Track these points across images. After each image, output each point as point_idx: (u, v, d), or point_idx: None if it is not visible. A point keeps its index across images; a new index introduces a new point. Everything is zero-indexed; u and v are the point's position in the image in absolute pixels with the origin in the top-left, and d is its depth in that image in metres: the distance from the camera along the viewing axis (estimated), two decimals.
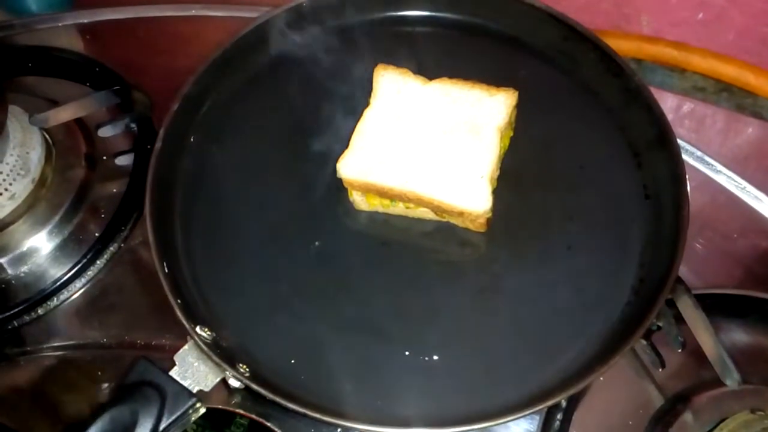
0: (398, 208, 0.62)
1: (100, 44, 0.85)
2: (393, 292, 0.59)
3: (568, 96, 0.67)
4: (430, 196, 0.59)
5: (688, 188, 0.58)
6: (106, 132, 0.71)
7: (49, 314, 0.66)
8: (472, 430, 0.50)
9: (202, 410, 0.56)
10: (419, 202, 0.60)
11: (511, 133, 0.64)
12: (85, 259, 0.67)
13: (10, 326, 0.65)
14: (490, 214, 0.59)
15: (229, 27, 0.71)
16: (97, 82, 0.78)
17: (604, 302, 0.57)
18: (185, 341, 0.56)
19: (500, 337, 0.57)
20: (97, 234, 0.69)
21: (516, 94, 0.62)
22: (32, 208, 0.69)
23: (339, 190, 0.62)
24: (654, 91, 0.63)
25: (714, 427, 0.56)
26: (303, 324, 0.57)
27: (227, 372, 0.53)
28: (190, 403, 0.54)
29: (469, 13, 0.71)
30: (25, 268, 0.68)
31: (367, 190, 0.61)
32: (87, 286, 0.67)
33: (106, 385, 0.62)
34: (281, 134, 0.67)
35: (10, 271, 0.68)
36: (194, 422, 0.56)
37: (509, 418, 0.51)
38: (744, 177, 0.71)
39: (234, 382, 0.55)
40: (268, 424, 0.58)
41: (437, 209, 0.60)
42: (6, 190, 0.67)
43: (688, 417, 0.58)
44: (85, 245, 0.68)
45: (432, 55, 0.68)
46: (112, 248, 0.69)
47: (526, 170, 0.63)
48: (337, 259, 0.60)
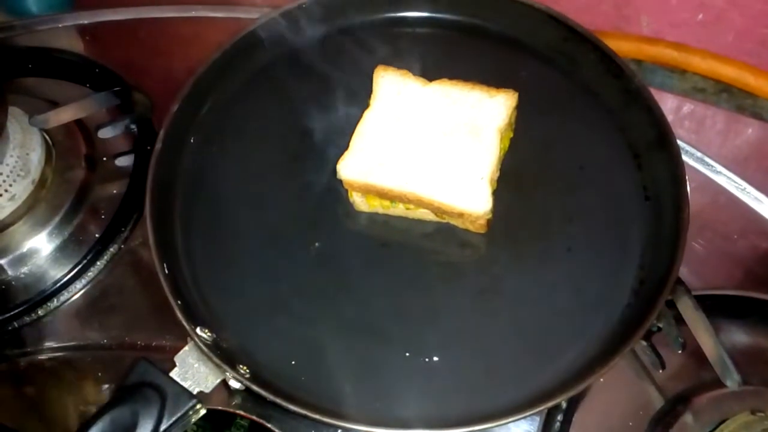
0: (398, 209, 0.62)
1: (100, 45, 0.85)
2: (393, 293, 0.59)
3: (568, 97, 0.67)
4: (430, 198, 0.59)
5: (688, 189, 0.58)
6: (106, 133, 0.71)
7: (49, 315, 0.66)
8: (472, 431, 0.50)
9: (203, 411, 0.56)
10: (419, 203, 0.60)
11: (511, 134, 0.64)
12: (85, 260, 0.67)
13: (10, 327, 0.65)
14: (490, 216, 0.59)
15: (230, 28, 0.71)
16: (97, 84, 0.78)
17: (604, 303, 0.57)
18: (185, 342, 0.56)
19: (500, 338, 0.57)
20: (97, 235, 0.69)
21: (516, 95, 0.62)
22: (32, 209, 0.69)
23: (339, 191, 0.62)
24: (654, 92, 0.63)
25: (714, 429, 0.56)
26: (303, 325, 0.57)
27: (227, 373, 0.53)
28: (191, 404, 0.54)
29: (469, 14, 0.71)
30: (25, 269, 0.68)
31: (367, 191, 0.61)
32: (87, 287, 0.67)
33: (106, 386, 0.62)
34: (281, 135, 0.67)
35: (10, 272, 0.68)
36: (194, 423, 0.56)
37: (509, 420, 0.51)
38: (744, 178, 0.71)
39: (234, 384, 0.55)
40: (269, 425, 0.58)
41: (437, 210, 0.60)
42: (6, 191, 0.67)
43: (688, 418, 0.58)
44: (86, 246, 0.68)
45: (432, 57, 0.68)
46: (112, 249, 0.68)
47: (526, 171, 0.63)
48: (337, 260, 0.60)
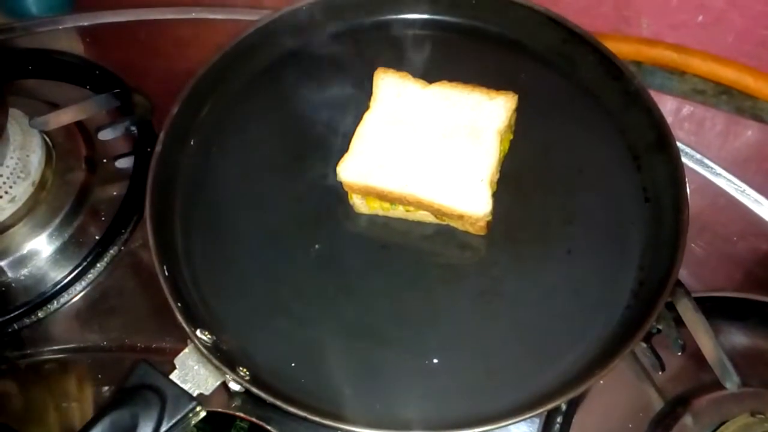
0: (398, 211, 0.62)
1: (100, 47, 0.85)
2: (393, 295, 0.59)
3: (567, 99, 0.67)
4: (430, 200, 0.59)
5: (688, 191, 0.58)
6: (106, 135, 0.71)
7: (49, 317, 0.66)
8: None
9: (203, 413, 0.56)
10: (419, 205, 0.60)
11: (511, 137, 0.64)
12: (85, 262, 0.67)
13: (10, 329, 0.65)
14: (490, 218, 0.59)
15: (230, 30, 0.71)
16: (97, 85, 0.78)
17: (604, 305, 0.57)
18: (185, 344, 0.56)
19: (500, 340, 0.57)
20: (97, 237, 0.69)
21: (515, 97, 0.62)
22: (32, 211, 0.69)
23: (339, 193, 0.62)
24: (653, 94, 0.62)
25: (714, 430, 0.56)
26: (303, 327, 0.57)
27: (227, 375, 0.53)
28: (191, 406, 0.54)
29: (469, 17, 0.71)
30: (25, 271, 0.68)
31: (367, 193, 0.61)
32: (87, 289, 0.67)
33: (106, 388, 0.62)
34: (281, 137, 0.67)
35: (10, 274, 0.68)
36: (194, 425, 0.56)
37: (509, 422, 0.51)
38: (744, 180, 0.71)
39: (234, 386, 0.55)
40: (269, 427, 0.58)
41: (437, 212, 0.60)
42: (6, 193, 0.67)
43: (688, 420, 0.58)
44: (86, 248, 0.68)
45: (432, 59, 0.68)
46: (112, 251, 0.69)
47: (525, 173, 0.63)
48: (337, 261, 0.60)
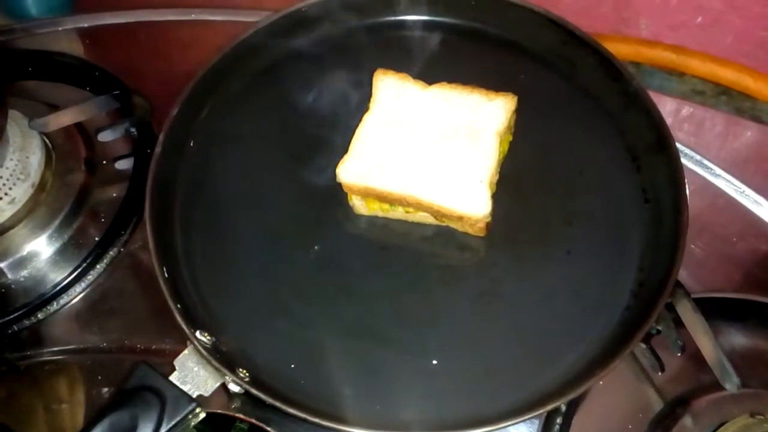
0: (398, 213, 0.62)
1: (100, 48, 0.85)
2: (392, 297, 0.59)
3: (567, 100, 0.67)
4: (430, 201, 0.59)
5: (687, 192, 0.58)
6: (106, 136, 0.71)
7: (48, 319, 0.66)
8: None
9: (202, 415, 0.56)
10: (419, 206, 0.60)
11: (511, 138, 0.64)
12: (85, 264, 0.67)
13: (9, 331, 0.65)
14: (490, 219, 0.59)
15: (229, 31, 0.71)
16: (97, 87, 0.78)
17: (604, 306, 0.57)
18: (185, 346, 0.56)
19: (500, 342, 0.57)
20: (97, 238, 0.69)
21: (515, 98, 0.62)
22: (32, 213, 0.69)
23: (338, 194, 0.62)
24: (653, 95, 0.63)
25: (713, 431, 0.56)
26: (303, 328, 0.57)
27: (227, 377, 0.53)
28: (190, 407, 0.54)
29: (468, 18, 0.71)
30: (25, 273, 0.68)
31: (367, 194, 0.61)
32: (87, 290, 0.67)
33: (105, 389, 0.62)
34: (281, 139, 0.67)
35: (10, 276, 0.68)
36: (194, 427, 0.56)
37: (509, 423, 0.51)
38: (743, 180, 0.71)
39: (234, 387, 0.55)
40: (268, 428, 0.58)
41: (437, 214, 0.60)
42: (6, 194, 0.67)
43: (687, 421, 0.58)
44: (85, 249, 0.68)
45: (431, 60, 0.68)
46: (112, 252, 0.69)
47: (525, 175, 0.63)
48: (336, 263, 0.60)
